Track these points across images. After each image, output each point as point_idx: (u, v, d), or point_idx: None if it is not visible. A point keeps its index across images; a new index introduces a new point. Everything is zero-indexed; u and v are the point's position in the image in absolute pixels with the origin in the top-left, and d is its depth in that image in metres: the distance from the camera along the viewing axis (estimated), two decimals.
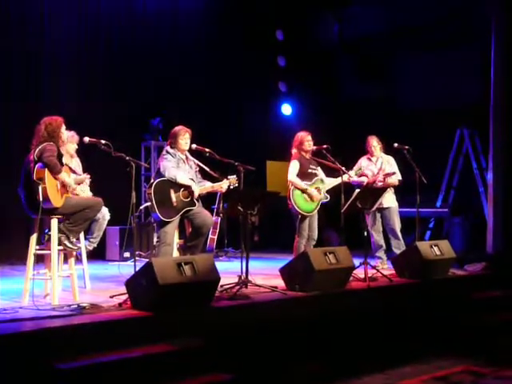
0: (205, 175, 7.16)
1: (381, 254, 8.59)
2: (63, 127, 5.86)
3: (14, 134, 9.24)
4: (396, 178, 8.53)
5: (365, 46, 12.59)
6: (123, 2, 10.93)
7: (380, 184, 8.39)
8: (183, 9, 11.71)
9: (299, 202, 7.75)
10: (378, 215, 8.57)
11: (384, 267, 8.30)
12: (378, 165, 8.63)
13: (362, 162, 8.74)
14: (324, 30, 12.85)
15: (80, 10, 10.26)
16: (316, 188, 7.85)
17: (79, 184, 6.66)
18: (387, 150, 8.67)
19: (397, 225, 8.52)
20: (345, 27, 12.41)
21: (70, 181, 5.79)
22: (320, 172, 8.02)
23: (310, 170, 7.90)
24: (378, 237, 8.59)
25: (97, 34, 10.51)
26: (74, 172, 6.59)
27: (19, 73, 9.53)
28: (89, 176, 6.80)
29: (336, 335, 6.08)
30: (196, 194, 6.76)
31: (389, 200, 8.45)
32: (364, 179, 8.44)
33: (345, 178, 7.68)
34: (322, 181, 7.94)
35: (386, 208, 8.49)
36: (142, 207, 9.94)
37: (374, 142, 8.67)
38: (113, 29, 10.72)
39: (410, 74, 12.60)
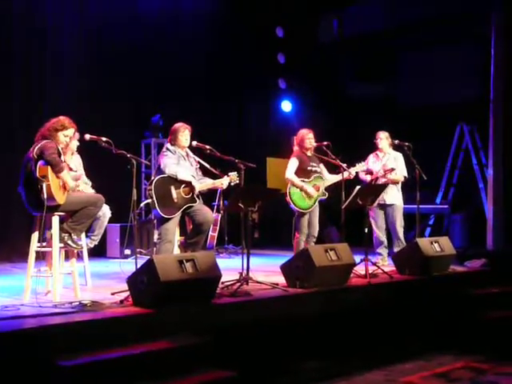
0: (205, 172, 7.16)
1: (381, 250, 8.60)
2: (68, 131, 5.79)
3: (15, 132, 9.23)
4: (400, 175, 8.53)
5: (365, 44, 12.58)
6: (125, 1, 10.93)
7: (383, 180, 8.40)
8: (184, 7, 11.69)
9: (296, 199, 7.77)
10: (382, 212, 8.58)
11: (384, 264, 8.31)
12: (384, 161, 8.62)
13: (370, 159, 8.74)
14: (324, 28, 12.82)
15: (81, 8, 10.25)
16: (314, 185, 7.86)
17: (76, 181, 6.63)
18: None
19: (398, 223, 8.51)
20: (345, 25, 12.39)
21: (70, 181, 5.76)
22: (322, 169, 8.03)
23: (309, 168, 7.90)
24: (380, 233, 8.60)
25: (99, 33, 10.47)
26: (71, 170, 6.56)
27: (21, 72, 9.52)
28: (83, 173, 6.76)
29: (337, 332, 6.10)
30: (196, 190, 6.77)
31: (393, 197, 8.45)
32: (369, 176, 8.48)
33: (345, 174, 7.69)
34: (321, 178, 7.94)
35: (390, 205, 8.49)
36: (142, 204, 9.93)
37: (381, 135, 8.65)
38: (115, 27, 10.67)
39: (409, 71, 12.60)
